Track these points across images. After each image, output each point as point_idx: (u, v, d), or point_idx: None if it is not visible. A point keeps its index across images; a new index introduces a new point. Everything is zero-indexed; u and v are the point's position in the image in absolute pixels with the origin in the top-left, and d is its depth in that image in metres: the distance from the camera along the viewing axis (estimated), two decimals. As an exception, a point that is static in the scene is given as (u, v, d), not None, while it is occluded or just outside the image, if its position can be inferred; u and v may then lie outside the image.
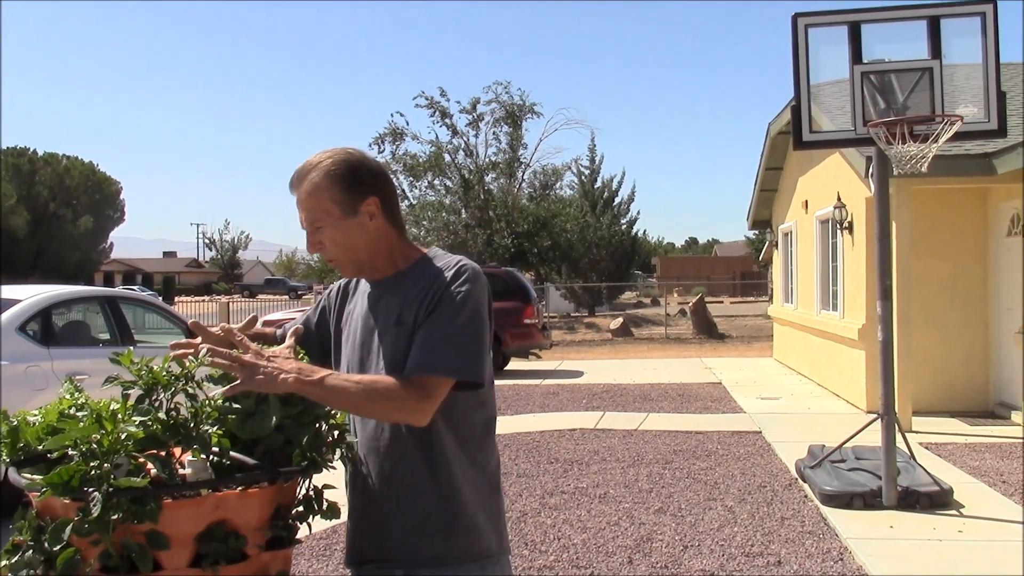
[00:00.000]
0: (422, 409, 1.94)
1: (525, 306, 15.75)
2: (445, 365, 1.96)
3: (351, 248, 2.12)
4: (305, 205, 2.09)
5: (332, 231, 2.09)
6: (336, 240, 2.10)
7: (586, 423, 10.00)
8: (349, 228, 2.10)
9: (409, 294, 2.09)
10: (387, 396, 1.92)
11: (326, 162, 2.10)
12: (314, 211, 2.08)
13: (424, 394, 1.94)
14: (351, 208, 2.09)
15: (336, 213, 2.08)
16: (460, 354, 1.98)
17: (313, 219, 2.09)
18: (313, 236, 2.11)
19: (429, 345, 1.98)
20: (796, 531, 5.81)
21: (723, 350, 20.60)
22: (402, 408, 1.94)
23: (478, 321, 2.03)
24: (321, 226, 2.09)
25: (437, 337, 1.99)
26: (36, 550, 1.71)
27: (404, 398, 1.92)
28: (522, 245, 30.45)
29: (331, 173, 2.08)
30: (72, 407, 1.78)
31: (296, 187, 2.12)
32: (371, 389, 1.92)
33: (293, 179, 2.13)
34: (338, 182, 2.08)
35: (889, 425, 6.34)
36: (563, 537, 5.75)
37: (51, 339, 7.08)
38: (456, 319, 2.00)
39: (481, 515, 2.09)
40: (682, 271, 64.72)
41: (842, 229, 11.27)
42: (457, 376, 1.97)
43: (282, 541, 1.87)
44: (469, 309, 2.02)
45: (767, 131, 15.04)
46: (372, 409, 1.95)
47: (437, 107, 30.65)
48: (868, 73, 6.44)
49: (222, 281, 79.83)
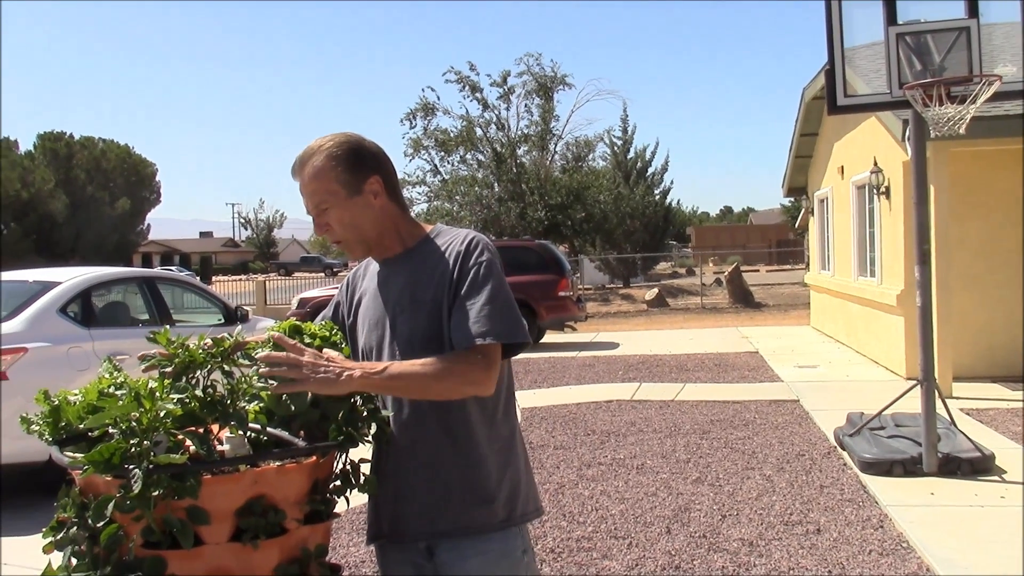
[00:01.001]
0: (489, 377, 2.00)
1: (559, 279, 15.71)
2: (498, 331, 2.01)
3: (358, 227, 2.14)
4: (310, 189, 2.12)
5: (338, 212, 2.12)
6: (343, 220, 2.13)
7: (622, 394, 10.00)
8: (355, 207, 2.13)
9: (420, 271, 2.12)
10: (453, 372, 1.97)
11: (327, 145, 2.13)
12: (319, 193, 2.11)
13: (488, 363, 1.99)
14: (355, 188, 2.12)
15: (341, 193, 2.11)
16: (505, 319, 2.03)
17: (319, 201, 2.12)
18: (320, 219, 2.14)
19: (474, 316, 2.01)
20: (835, 499, 5.79)
21: (759, 319, 20.47)
22: (472, 380, 1.99)
23: (507, 287, 2.09)
24: (327, 207, 2.12)
25: (478, 307, 2.02)
26: (80, 527, 1.75)
27: (470, 371, 1.97)
28: (555, 218, 30.35)
29: (333, 155, 2.11)
30: (111, 386, 1.80)
31: (299, 173, 2.14)
32: (436, 369, 1.95)
33: (295, 166, 2.15)
34: (341, 163, 2.11)
35: (929, 391, 6.28)
36: (601, 508, 5.77)
37: (91, 320, 7.18)
38: (489, 288, 2.05)
39: (505, 485, 2.13)
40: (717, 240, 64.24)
41: (879, 194, 11.12)
42: (511, 339, 2.03)
43: (320, 515, 1.90)
44: (496, 277, 2.07)
45: (801, 96, 14.85)
46: (441, 388, 1.99)
47: (467, 82, 30.52)
48: (903, 34, 6.32)
49: (258, 260, 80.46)
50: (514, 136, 31.68)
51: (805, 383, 10.38)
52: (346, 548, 5.14)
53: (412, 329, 2.09)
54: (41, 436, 1.84)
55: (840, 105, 6.71)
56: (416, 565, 2.15)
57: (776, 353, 13.33)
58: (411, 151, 31.59)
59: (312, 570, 1.85)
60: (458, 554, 2.09)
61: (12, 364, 6.26)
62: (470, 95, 30.79)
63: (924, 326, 6.39)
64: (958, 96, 6.02)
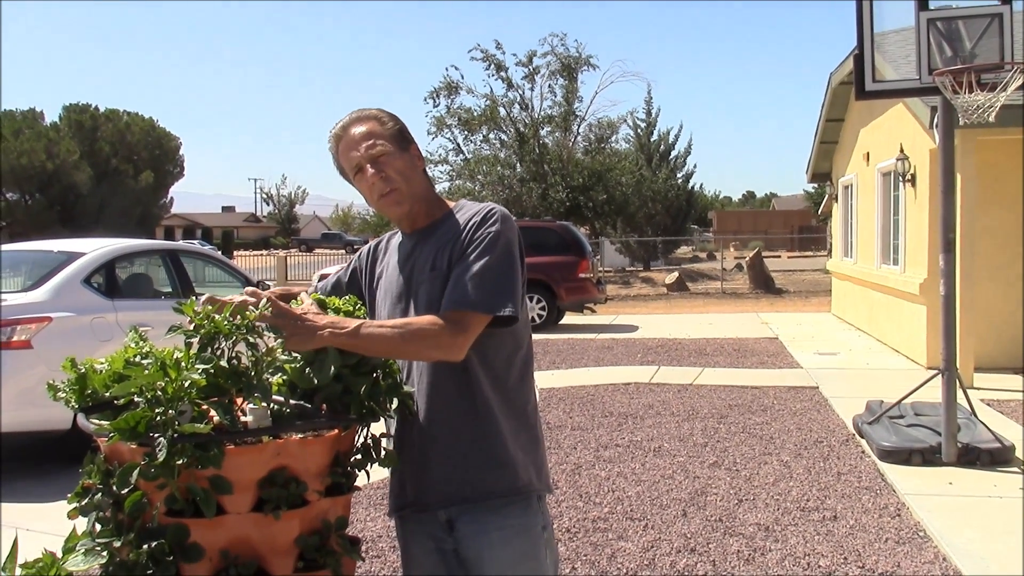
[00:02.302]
0: (457, 344, 1.99)
1: (580, 260, 15.69)
2: (478, 300, 2.01)
3: (411, 179, 2.19)
4: (365, 139, 2.16)
5: (393, 159, 2.17)
6: (399, 168, 2.17)
7: (641, 377, 9.99)
8: (405, 161, 2.19)
9: (441, 241, 2.14)
10: (421, 335, 1.97)
11: (372, 110, 2.23)
12: (374, 138, 2.16)
13: (458, 329, 1.99)
14: (403, 145, 2.20)
15: (395, 145, 2.18)
16: (493, 290, 2.03)
17: (376, 146, 2.15)
18: (376, 164, 2.16)
19: (462, 282, 2.03)
20: (853, 486, 5.78)
21: (780, 305, 20.38)
22: (438, 345, 1.98)
23: (509, 258, 2.09)
24: (384, 153, 2.15)
25: (470, 274, 2.03)
26: (104, 493, 1.76)
27: (438, 335, 1.97)
28: (577, 199, 30.29)
29: (379, 116, 2.22)
30: (137, 355, 1.82)
31: (346, 133, 2.19)
32: (405, 330, 1.97)
33: (338, 130, 2.21)
34: (391, 121, 2.22)
35: (950, 381, 6.24)
36: (617, 489, 5.78)
37: (115, 291, 7.23)
38: (488, 257, 2.06)
39: (520, 452, 2.14)
40: (739, 225, 63.87)
41: (904, 181, 11.03)
42: (490, 311, 2.02)
43: (341, 488, 1.91)
44: (500, 247, 2.08)
45: (828, 81, 14.71)
46: (408, 349, 2.00)
47: (492, 60, 30.43)
48: (934, 20, 6.25)
49: (279, 235, 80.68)
50: (537, 116, 31.58)
51: (825, 370, 10.34)
52: (363, 523, 5.18)
53: (430, 296, 2.10)
54: (67, 403, 1.86)
55: (868, 91, 6.65)
56: (436, 539, 2.17)
57: (796, 339, 13.28)
58: (434, 129, 31.59)
59: (332, 542, 1.86)
60: (478, 527, 2.11)
61: (36, 333, 6.32)
62: (495, 74, 30.73)
63: (947, 315, 6.35)
64: (988, 83, 5.94)
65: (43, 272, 6.90)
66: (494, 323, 2.04)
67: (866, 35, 6.48)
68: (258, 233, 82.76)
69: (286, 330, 1.86)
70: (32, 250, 7.83)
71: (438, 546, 2.17)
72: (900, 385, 7.87)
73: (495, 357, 2.13)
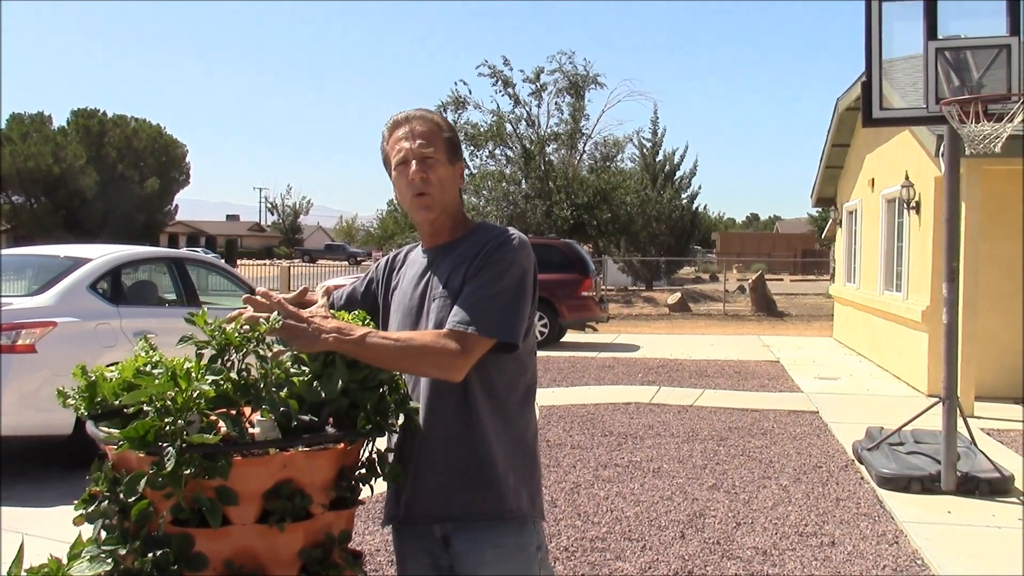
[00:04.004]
0: (456, 364, 2.00)
1: (583, 278, 15.71)
2: (481, 323, 2.02)
3: (448, 191, 2.21)
4: (424, 137, 2.18)
5: (440, 168, 2.18)
6: (441, 177, 2.19)
7: (641, 397, 9.99)
8: (449, 174, 2.21)
9: (459, 261, 2.16)
10: (422, 351, 1.99)
11: (439, 116, 2.25)
12: (431, 143, 2.18)
13: (459, 350, 2.00)
14: (452, 159, 2.22)
15: (444, 155, 2.20)
16: (498, 315, 2.04)
17: (428, 150, 2.17)
18: (423, 163, 2.16)
19: (469, 303, 2.04)
20: (851, 512, 5.77)
21: (782, 328, 20.38)
22: (438, 363, 2.00)
23: (520, 286, 2.10)
24: (433, 159, 2.17)
25: (478, 296, 2.05)
26: (111, 501, 1.78)
27: (439, 353, 1.99)
28: (581, 217, 30.30)
29: (444, 126, 2.23)
30: (147, 364, 1.83)
31: (408, 122, 2.21)
32: (407, 345, 1.98)
33: (403, 117, 2.22)
34: (449, 132, 2.23)
35: (951, 409, 6.24)
36: (616, 509, 5.78)
37: (120, 298, 7.25)
38: (498, 282, 2.07)
39: (512, 476, 2.14)
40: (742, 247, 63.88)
41: (909, 208, 11.05)
42: (492, 335, 2.03)
43: (346, 502, 1.93)
44: (513, 274, 2.09)
45: (835, 107, 14.76)
46: (407, 363, 2.01)
47: (500, 76, 30.48)
48: (943, 49, 6.28)
49: (283, 245, 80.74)
50: (544, 133, 31.64)
51: (825, 395, 10.34)
52: (361, 536, 5.18)
53: (441, 315, 2.12)
54: (77, 410, 1.87)
55: (876, 118, 6.67)
56: (432, 555, 2.18)
57: (797, 363, 13.28)
58: (440, 144, 31.52)
59: (335, 555, 1.88)
60: (473, 546, 2.12)
61: (41, 338, 6.34)
62: (502, 90, 30.77)
63: (949, 344, 6.35)
64: (995, 114, 5.97)
65: (49, 277, 6.92)
66: (496, 348, 2.06)
67: (874, 63, 6.51)
68: (262, 243, 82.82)
69: (292, 331, 1.87)
70: (39, 255, 7.86)
71: (434, 562, 2.18)
72: (901, 412, 7.88)
73: (497, 380, 2.14)
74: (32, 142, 46.34)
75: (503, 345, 2.06)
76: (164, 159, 53.96)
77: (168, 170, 54.25)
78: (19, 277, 7.43)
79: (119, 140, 50.94)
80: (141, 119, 53.92)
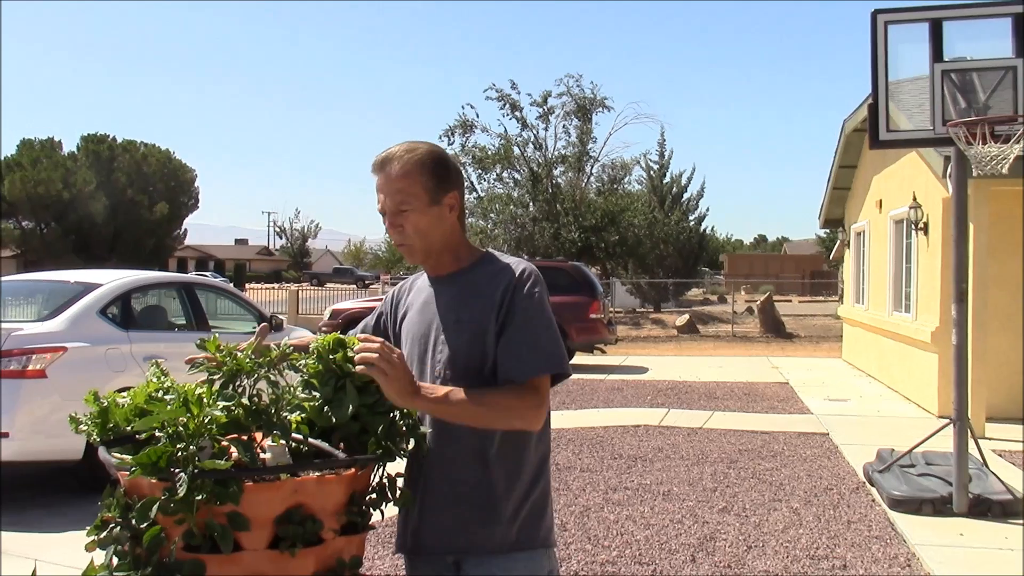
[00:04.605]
0: (540, 415, 2.08)
1: (591, 301, 15.72)
2: (546, 364, 2.08)
3: (428, 236, 2.17)
4: (395, 186, 2.13)
5: (416, 216, 2.14)
6: (418, 226, 2.15)
7: (650, 420, 9.97)
8: (431, 216, 2.16)
9: (468, 292, 2.17)
10: (509, 410, 2.03)
11: (420, 149, 2.17)
12: (403, 193, 2.13)
13: (539, 399, 2.06)
14: (436, 198, 2.16)
15: (423, 199, 2.14)
16: (552, 351, 2.10)
17: (401, 201, 2.14)
18: (396, 218, 2.15)
19: (524, 349, 2.07)
20: (863, 535, 5.74)
21: (791, 350, 20.33)
22: (523, 416, 2.05)
23: (553, 320, 2.15)
24: (407, 210, 2.14)
25: (530, 340, 2.08)
26: (123, 527, 1.78)
27: (524, 408, 2.04)
28: (589, 239, 30.33)
29: (424, 161, 2.15)
30: (159, 390, 1.85)
31: (383, 169, 2.16)
32: (492, 404, 2.02)
33: (379, 161, 2.16)
34: (429, 170, 2.15)
35: (962, 430, 6.22)
36: (626, 533, 5.76)
37: (130, 323, 7.28)
38: (540, 321, 2.11)
39: (523, 505, 2.14)
40: (750, 269, 63.86)
41: (917, 230, 11.04)
42: (556, 369, 2.09)
43: (356, 527, 1.93)
44: (547, 311, 2.14)
45: (842, 128, 14.79)
46: (491, 421, 2.05)
47: (507, 100, 30.57)
48: (949, 71, 6.30)
49: (291, 269, 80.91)
50: (551, 156, 31.72)
51: (835, 416, 10.30)
52: (371, 560, 5.17)
53: (454, 349, 2.12)
54: (89, 436, 1.88)
55: (883, 140, 6.69)
56: None
57: (807, 385, 13.24)
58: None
59: (346, 581, 1.88)
60: (484, 572, 2.11)
61: (51, 363, 6.36)
62: (510, 113, 30.87)
63: (959, 365, 6.33)
64: (1002, 135, 5.98)
65: (60, 302, 6.96)
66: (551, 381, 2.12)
67: (881, 85, 6.54)
68: (270, 266, 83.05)
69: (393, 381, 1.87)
70: (49, 280, 7.90)
71: None
72: (911, 433, 7.84)
73: None
74: (42, 167, 46.61)
75: (558, 376, 2.13)
76: (173, 184, 54.19)
77: (177, 195, 54.46)
78: (29, 302, 7.47)
79: (129, 165, 51.19)
80: (150, 144, 54.21)
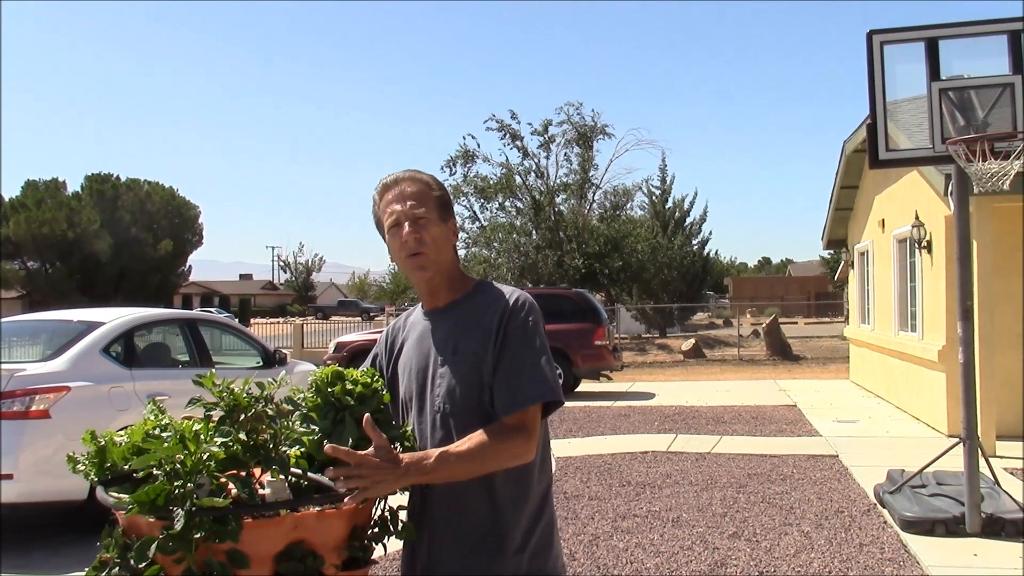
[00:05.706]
0: (530, 448, 2.07)
1: (596, 327, 15.69)
2: (535, 393, 2.07)
3: (443, 250, 2.21)
4: (412, 198, 2.18)
5: (432, 227, 2.19)
6: (436, 236, 2.19)
7: (658, 446, 9.91)
8: (442, 232, 2.21)
9: (465, 323, 2.17)
10: (499, 452, 2.02)
11: (426, 174, 2.26)
12: (422, 203, 2.18)
13: (527, 433, 2.05)
14: (445, 216, 2.22)
15: (436, 213, 2.20)
16: (544, 380, 2.08)
17: (420, 210, 2.17)
18: (415, 225, 2.17)
19: (516, 381, 2.07)
20: (875, 558, 5.68)
21: (798, 372, 20.25)
22: (515, 454, 2.05)
23: (547, 347, 2.15)
24: (425, 220, 2.18)
25: (522, 370, 2.08)
26: (122, 567, 1.76)
27: (514, 446, 2.03)
28: (592, 266, 30.35)
29: (432, 184, 2.24)
30: (156, 428, 1.83)
31: (396, 185, 2.21)
32: (483, 453, 2.00)
33: (390, 181, 2.23)
34: (439, 190, 2.24)
35: (972, 449, 6.17)
36: (636, 561, 5.70)
37: (133, 361, 7.27)
38: (532, 349, 2.11)
39: (530, 538, 2.13)
40: (755, 292, 63.79)
41: (920, 248, 11.03)
42: (546, 399, 2.08)
43: (358, 561, 1.91)
44: (541, 338, 2.13)
45: (842, 149, 14.80)
46: (488, 468, 2.04)
47: (508, 130, 30.71)
48: (946, 90, 6.31)
49: (296, 303, 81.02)
50: (553, 184, 31.80)
51: (844, 438, 10.23)
52: (378, 595, 5.12)
53: (454, 379, 2.12)
54: (87, 476, 1.86)
55: (882, 159, 6.70)
56: None
57: (815, 407, 13.17)
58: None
59: (348, 617, 1.85)
60: None
61: (55, 403, 6.35)
62: (511, 143, 31.00)
63: (966, 383, 6.29)
64: (1002, 152, 5.97)
65: (62, 342, 6.95)
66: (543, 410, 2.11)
67: (879, 105, 6.55)
68: (275, 301, 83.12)
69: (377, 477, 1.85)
70: (52, 319, 7.91)
71: None
72: (921, 453, 7.78)
73: None
74: (47, 208, 46.88)
75: (548, 406, 2.12)
76: (177, 221, 54.45)
77: (181, 231, 54.70)
78: (33, 342, 7.47)
79: (132, 203, 51.47)
80: (154, 182, 54.55)
